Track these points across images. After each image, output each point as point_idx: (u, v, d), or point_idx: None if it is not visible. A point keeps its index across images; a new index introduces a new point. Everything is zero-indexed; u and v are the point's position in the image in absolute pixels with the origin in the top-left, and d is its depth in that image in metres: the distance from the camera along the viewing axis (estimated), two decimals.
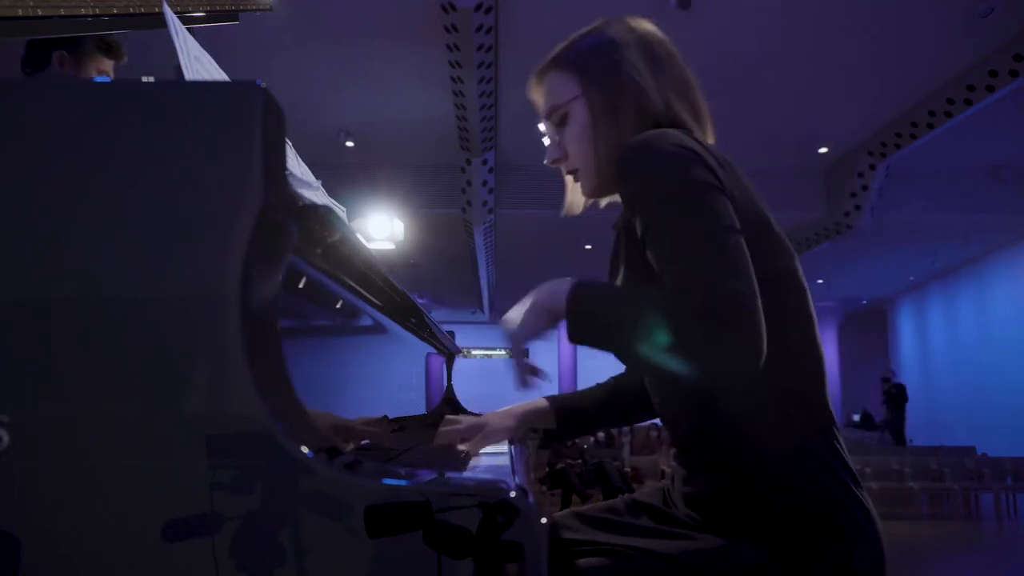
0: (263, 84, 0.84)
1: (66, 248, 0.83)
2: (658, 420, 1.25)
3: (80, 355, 0.81)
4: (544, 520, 0.78)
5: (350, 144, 8.76)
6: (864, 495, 1.00)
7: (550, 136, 1.16)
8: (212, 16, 1.97)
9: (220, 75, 1.10)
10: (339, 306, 1.26)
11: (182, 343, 0.81)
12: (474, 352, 20.82)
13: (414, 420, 1.81)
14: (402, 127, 8.57)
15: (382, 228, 8.11)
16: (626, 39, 1.11)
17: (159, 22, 1.08)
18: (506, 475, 1.02)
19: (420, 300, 1.70)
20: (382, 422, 1.47)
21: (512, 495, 0.78)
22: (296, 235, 0.91)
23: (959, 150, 8.92)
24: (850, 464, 1.01)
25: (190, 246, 0.83)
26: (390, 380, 1.66)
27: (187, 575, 0.79)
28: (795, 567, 0.95)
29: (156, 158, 0.84)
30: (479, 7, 5.86)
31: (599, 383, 1.43)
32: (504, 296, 16.64)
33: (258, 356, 0.81)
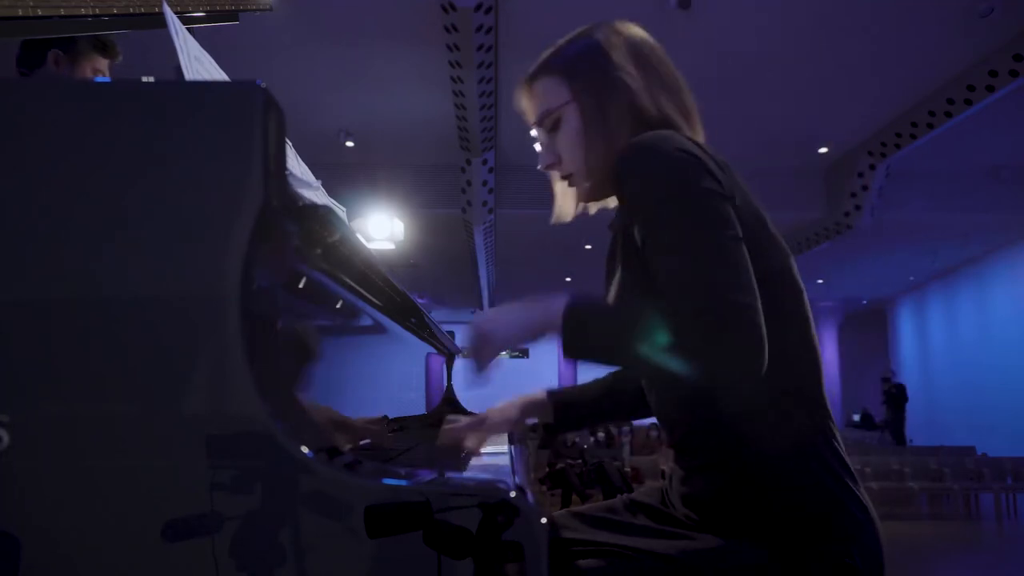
0: (263, 84, 0.84)
1: (66, 248, 0.83)
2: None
3: (80, 355, 0.81)
4: (544, 520, 0.78)
5: (350, 144, 8.75)
6: (863, 493, 1.00)
7: (542, 142, 1.16)
8: (212, 16, 1.97)
9: (220, 75, 1.10)
10: (339, 306, 1.26)
11: (182, 343, 0.81)
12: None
13: (414, 420, 1.81)
14: (402, 127, 8.56)
15: (382, 228, 8.10)
16: (614, 42, 1.11)
17: (159, 22, 1.08)
18: (506, 475, 1.02)
19: (420, 300, 1.70)
20: (382, 422, 1.47)
21: (512, 495, 0.78)
22: (296, 235, 0.91)
23: (959, 150, 8.91)
24: (848, 463, 1.01)
25: (190, 246, 0.83)
26: (390, 380, 1.66)
27: (187, 575, 0.79)
28: (794, 566, 0.95)
29: (156, 158, 0.84)
30: (479, 7, 5.85)
31: (599, 378, 1.43)
32: (504, 296, 16.64)
33: (258, 356, 0.81)
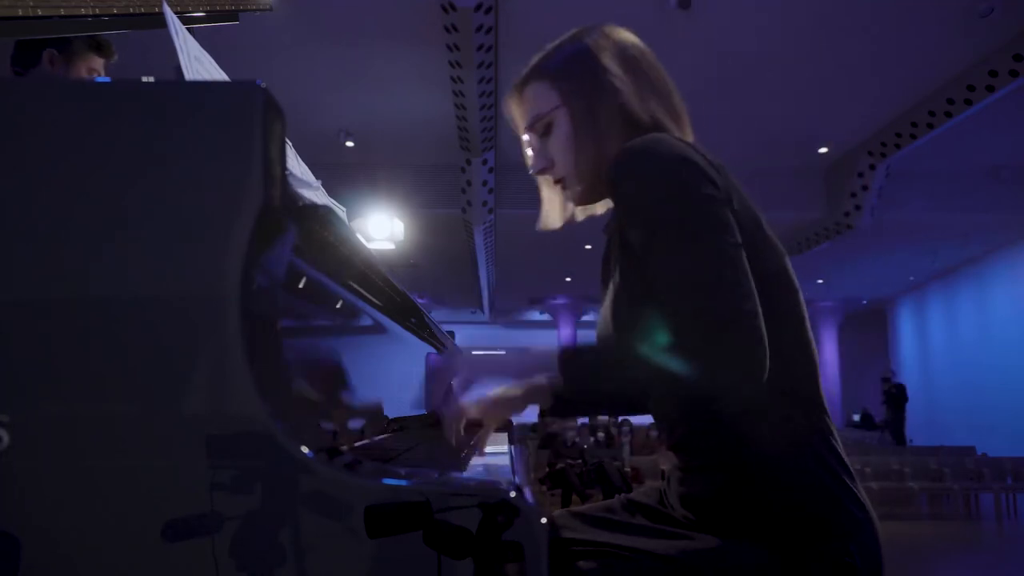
0: (263, 84, 0.84)
1: (66, 248, 0.83)
2: None
3: (80, 355, 0.81)
4: (544, 520, 0.78)
5: (350, 144, 8.75)
6: (861, 492, 1.01)
7: (533, 147, 1.17)
8: (212, 16, 1.97)
9: (220, 75, 1.10)
10: (339, 306, 1.26)
11: (182, 343, 0.81)
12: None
13: (414, 420, 1.81)
14: (402, 127, 8.56)
15: (382, 228, 8.10)
16: (603, 46, 1.11)
17: (159, 22, 1.08)
18: (506, 475, 1.02)
19: (420, 300, 1.70)
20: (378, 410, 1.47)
21: (512, 495, 0.78)
22: (296, 235, 0.91)
23: (959, 150, 8.92)
24: (846, 461, 1.02)
25: (190, 246, 0.83)
26: (390, 380, 1.66)
27: (187, 575, 0.79)
28: (794, 566, 0.95)
29: (156, 158, 0.84)
30: (479, 7, 5.85)
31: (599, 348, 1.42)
32: (504, 296, 16.63)
33: (258, 356, 0.81)
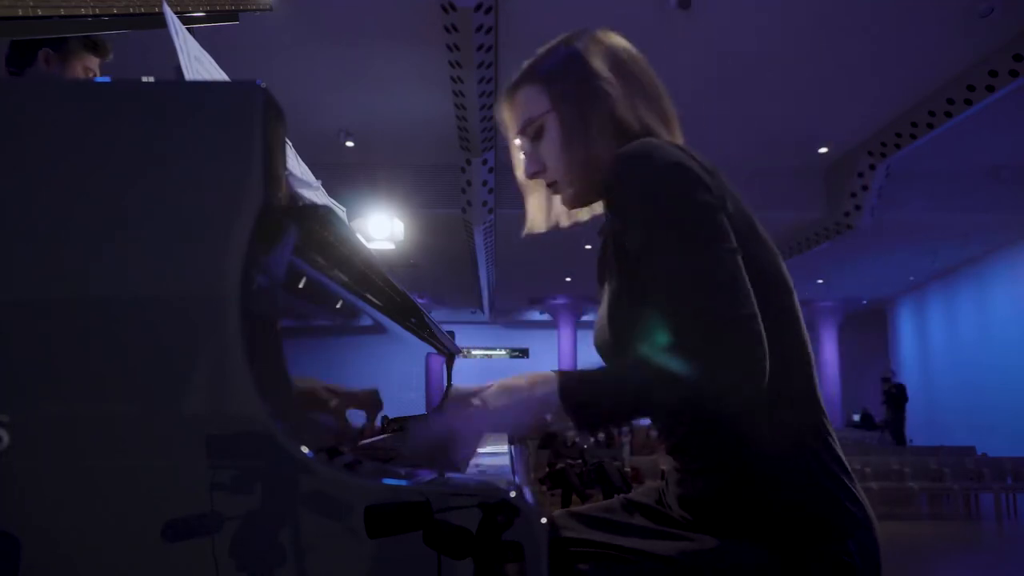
0: (263, 84, 0.84)
1: (66, 248, 0.83)
2: None
3: (80, 355, 0.81)
4: (544, 520, 0.78)
5: (350, 144, 8.75)
6: (859, 490, 1.01)
7: (525, 151, 1.17)
8: (212, 16, 1.97)
9: (220, 75, 1.10)
10: (339, 306, 1.26)
11: (182, 343, 0.81)
12: (474, 352, 20.82)
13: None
14: (402, 127, 8.56)
15: (382, 228, 8.10)
16: (593, 51, 1.12)
17: (159, 22, 1.08)
18: (506, 475, 1.02)
19: (420, 300, 1.70)
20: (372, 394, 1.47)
21: (512, 495, 0.78)
22: (296, 235, 0.91)
23: (959, 150, 8.91)
24: (843, 458, 1.02)
25: (190, 246, 0.83)
26: (390, 380, 1.66)
27: (187, 575, 0.79)
28: (792, 565, 0.95)
29: (156, 158, 0.84)
30: (479, 7, 5.85)
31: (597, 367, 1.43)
32: (504, 296, 16.62)
33: (258, 356, 0.81)
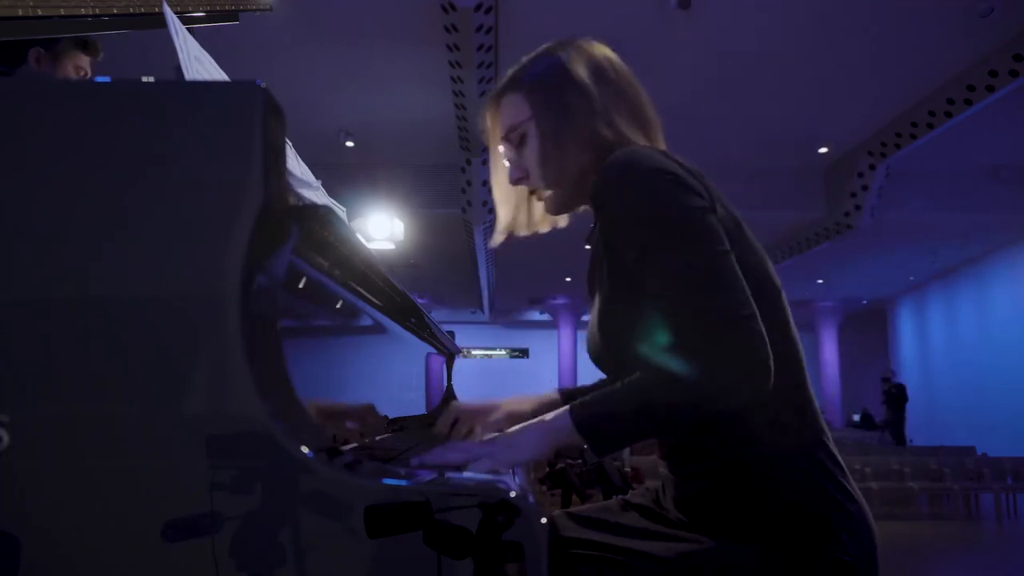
0: (263, 84, 0.84)
1: (66, 248, 0.83)
2: None
3: (80, 355, 0.81)
4: (544, 520, 0.78)
5: (350, 144, 8.75)
6: (854, 489, 1.01)
7: (509, 158, 1.19)
8: (212, 16, 1.97)
9: (220, 75, 1.10)
10: (339, 306, 1.26)
11: (182, 343, 0.81)
12: (474, 352, 20.84)
13: (414, 420, 1.81)
14: (402, 127, 8.56)
15: (382, 228, 8.10)
16: (576, 60, 1.13)
17: (159, 22, 1.08)
18: (506, 475, 1.02)
19: (420, 300, 1.70)
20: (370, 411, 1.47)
21: (512, 495, 0.78)
22: (296, 235, 0.91)
23: (959, 150, 8.91)
24: (838, 455, 1.02)
25: (190, 246, 0.83)
26: (390, 380, 1.66)
27: (187, 575, 0.79)
28: (790, 564, 0.95)
29: (156, 158, 0.84)
30: (479, 7, 5.85)
31: (603, 379, 1.43)
32: (504, 296, 16.62)
33: (258, 356, 0.81)
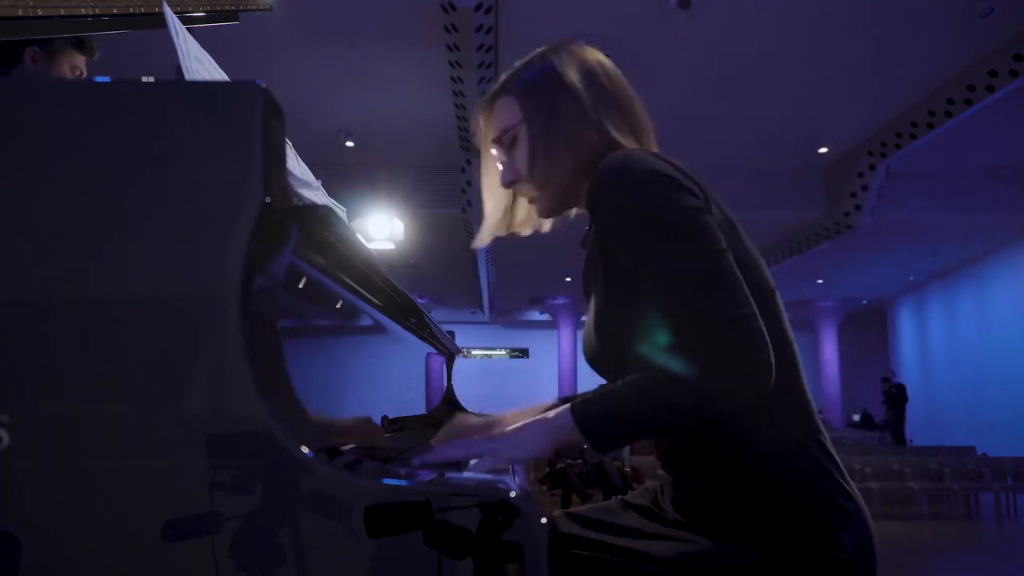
0: (263, 84, 0.84)
1: (66, 248, 0.83)
2: None
3: (80, 355, 0.81)
4: (544, 520, 0.78)
5: (350, 144, 8.75)
6: (850, 484, 1.01)
7: (501, 160, 1.19)
8: (212, 16, 1.97)
9: (220, 75, 1.10)
10: (339, 306, 1.26)
11: (182, 343, 0.81)
12: (474, 352, 20.84)
13: (414, 420, 1.81)
14: (402, 127, 8.56)
15: (382, 228, 8.09)
16: (568, 64, 1.13)
17: (159, 22, 1.08)
18: (506, 475, 1.02)
19: (420, 300, 1.70)
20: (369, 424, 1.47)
21: (512, 495, 0.78)
22: (296, 235, 0.91)
23: (959, 150, 8.91)
24: (834, 454, 1.02)
25: (190, 246, 0.83)
26: (390, 380, 1.66)
27: (187, 575, 0.79)
28: (788, 563, 0.95)
29: (156, 158, 0.84)
30: (479, 7, 5.85)
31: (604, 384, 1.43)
32: (504, 296, 16.61)
33: (258, 356, 0.81)
